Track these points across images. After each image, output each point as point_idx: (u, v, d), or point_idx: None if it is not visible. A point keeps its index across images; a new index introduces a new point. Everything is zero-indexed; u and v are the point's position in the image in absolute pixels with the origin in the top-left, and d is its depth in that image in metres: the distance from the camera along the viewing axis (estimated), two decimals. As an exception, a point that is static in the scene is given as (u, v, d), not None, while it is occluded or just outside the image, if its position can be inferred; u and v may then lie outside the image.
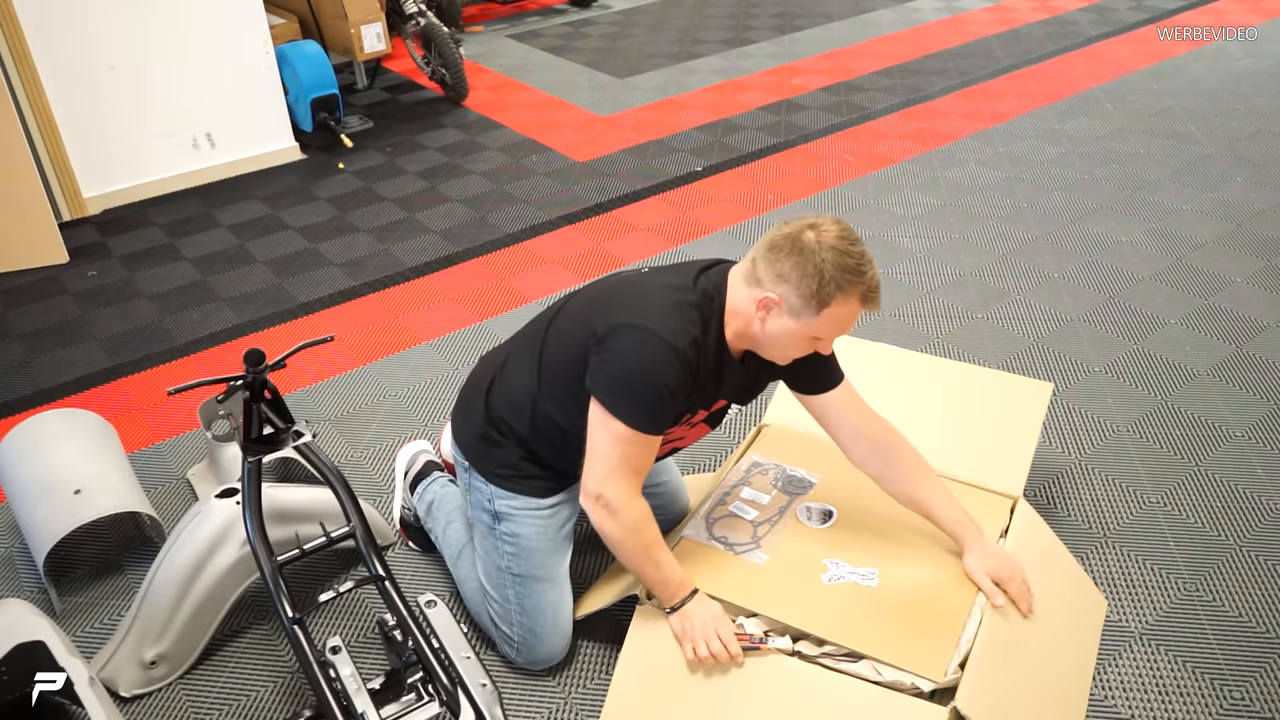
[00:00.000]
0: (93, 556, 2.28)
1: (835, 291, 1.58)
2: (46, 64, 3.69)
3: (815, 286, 1.58)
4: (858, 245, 1.61)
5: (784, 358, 1.74)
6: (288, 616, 1.72)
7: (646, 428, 1.66)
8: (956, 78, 5.09)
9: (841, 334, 1.68)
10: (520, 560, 1.89)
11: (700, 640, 1.71)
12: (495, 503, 1.93)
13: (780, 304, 1.63)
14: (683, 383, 1.65)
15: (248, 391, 1.74)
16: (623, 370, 1.65)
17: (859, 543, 1.95)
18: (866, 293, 1.62)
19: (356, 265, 3.52)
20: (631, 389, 1.64)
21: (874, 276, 1.62)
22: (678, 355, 1.62)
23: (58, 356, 3.04)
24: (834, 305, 1.60)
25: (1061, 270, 3.30)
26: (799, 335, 1.65)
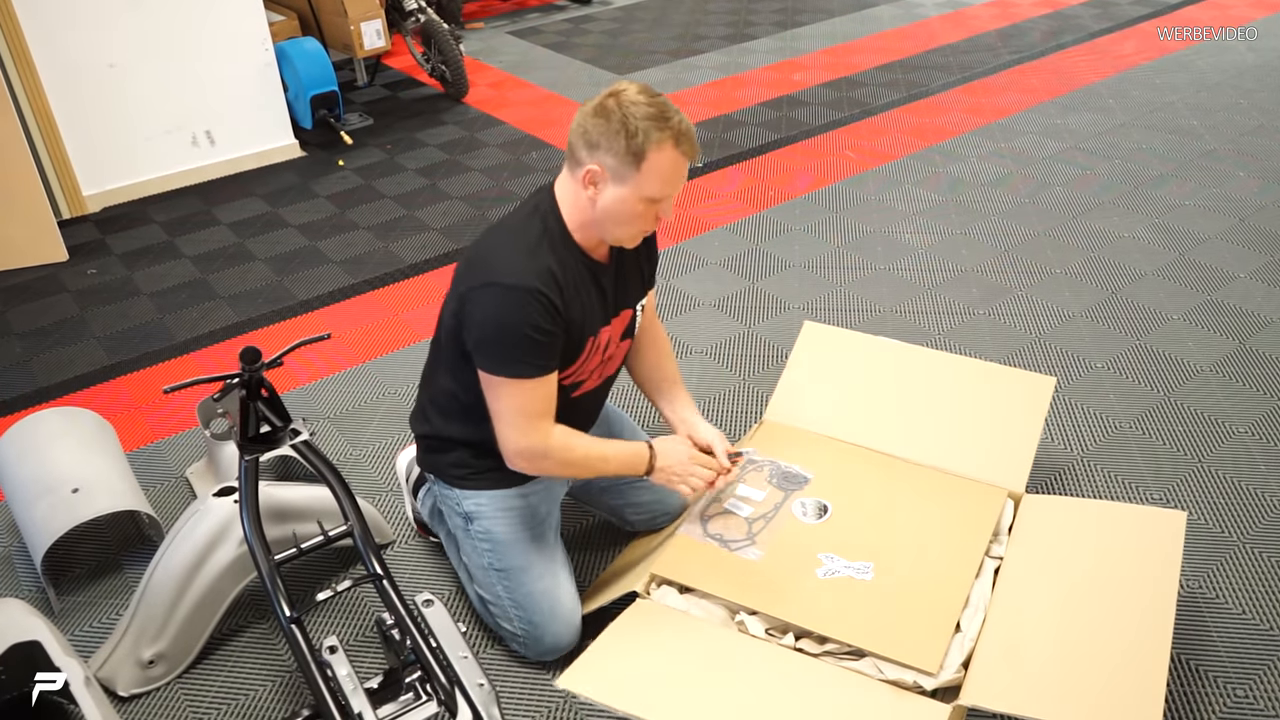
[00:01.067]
0: (91, 555, 2.28)
1: (646, 141, 1.59)
2: (46, 61, 3.68)
3: (625, 141, 1.60)
4: (658, 96, 1.64)
5: (630, 235, 1.73)
6: (285, 616, 1.71)
7: (530, 373, 1.68)
8: (958, 73, 5.08)
9: (671, 190, 1.66)
10: (500, 555, 1.89)
11: (685, 480, 1.86)
12: (463, 504, 1.93)
13: (602, 172, 1.64)
14: (551, 315, 1.66)
15: (244, 390, 1.74)
16: (486, 329, 1.67)
17: (854, 537, 1.94)
18: (678, 136, 1.61)
19: (356, 263, 3.51)
20: (500, 343, 1.66)
21: (681, 121, 1.62)
22: (532, 294, 1.63)
23: (57, 355, 3.04)
24: (650, 155, 1.60)
25: (1063, 266, 3.28)
26: (632, 200, 1.65)
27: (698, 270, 3.35)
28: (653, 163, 1.61)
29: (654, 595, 1.86)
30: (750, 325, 3.03)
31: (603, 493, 2.12)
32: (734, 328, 3.02)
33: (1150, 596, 1.72)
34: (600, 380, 1.92)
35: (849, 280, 3.26)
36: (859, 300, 3.14)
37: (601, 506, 2.18)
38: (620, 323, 1.88)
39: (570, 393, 1.85)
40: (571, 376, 1.81)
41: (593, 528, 2.27)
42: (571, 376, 1.81)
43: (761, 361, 2.85)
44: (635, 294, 1.91)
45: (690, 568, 1.89)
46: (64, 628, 2.08)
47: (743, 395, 2.71)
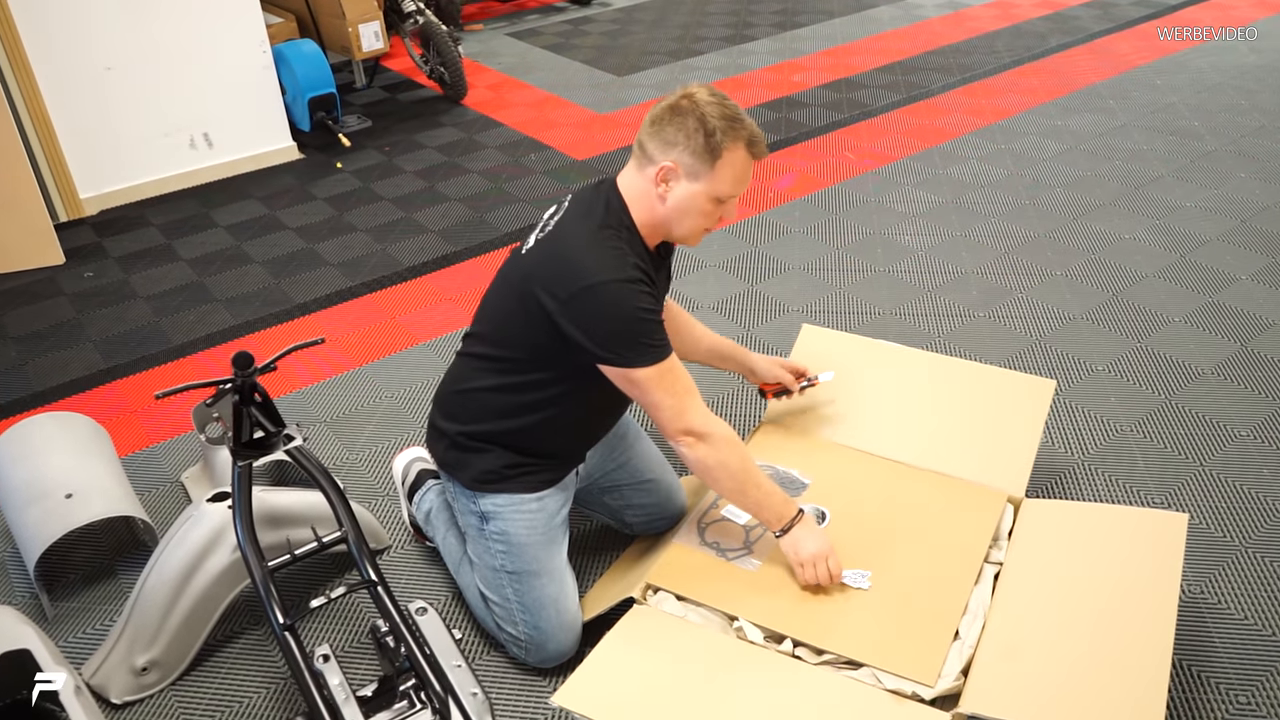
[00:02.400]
0: (85, 561, 2.26)
1: (723, 139, 1.66)
2: (42, 64, 3.67)
3: (703, 139, 1.66)
4: (729, 100, 1.70)
5: (694, 231, 1.77)
6: (279, 623, 1.70)
7: (663, 355, 1.71)
8: (958, 74, 5.06)
9: (739, 189, 1.73)
10: (513, 557, 1.87)
11: (810, 566, 1.80)
12: (480, 503, 1.91)
13: (677, 169, 1.69)
14: (651, 297, 1.71)
15: (237, 395, 1.72)
16: (608, 328, 1.69)
17: (852, 544, 1.92)
18: (751, 138, 1.69)
19: (354, 265, 3.50)
20: (627, 336, 1.69)
21: (753, 124, 1.70)
22: (635, 284, 1.68)
23: (53, 359, 3.02)
24: (725, 154, 1.67)
25: (1064, 268, 3.27)
26: (702, 198, 1.70)
27: (697, 272, 3.33)
28: (727, 161, 1.67)
29: (651, 601, 1.85)
30: (749, 328, 3.02)
31: (603, 494, 2.11)
32: (733, 331, 3.01)
33: (1151, 601, 1.70)
34: None
35: (848, 283, 3.24)
36: (858, 303, 3.12)
37: (601, 509, 2.16)
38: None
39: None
40: None
41: (592, 531, 2.26)
42: None
43: (760, 364, 2.83)
44: (666, 290, 1.95)
45: (687, 577, 1.88)
46: (57, 634, 2.07)
47: (742, 398, 2.70)
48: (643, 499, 2.11)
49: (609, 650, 1.73)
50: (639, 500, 2.11)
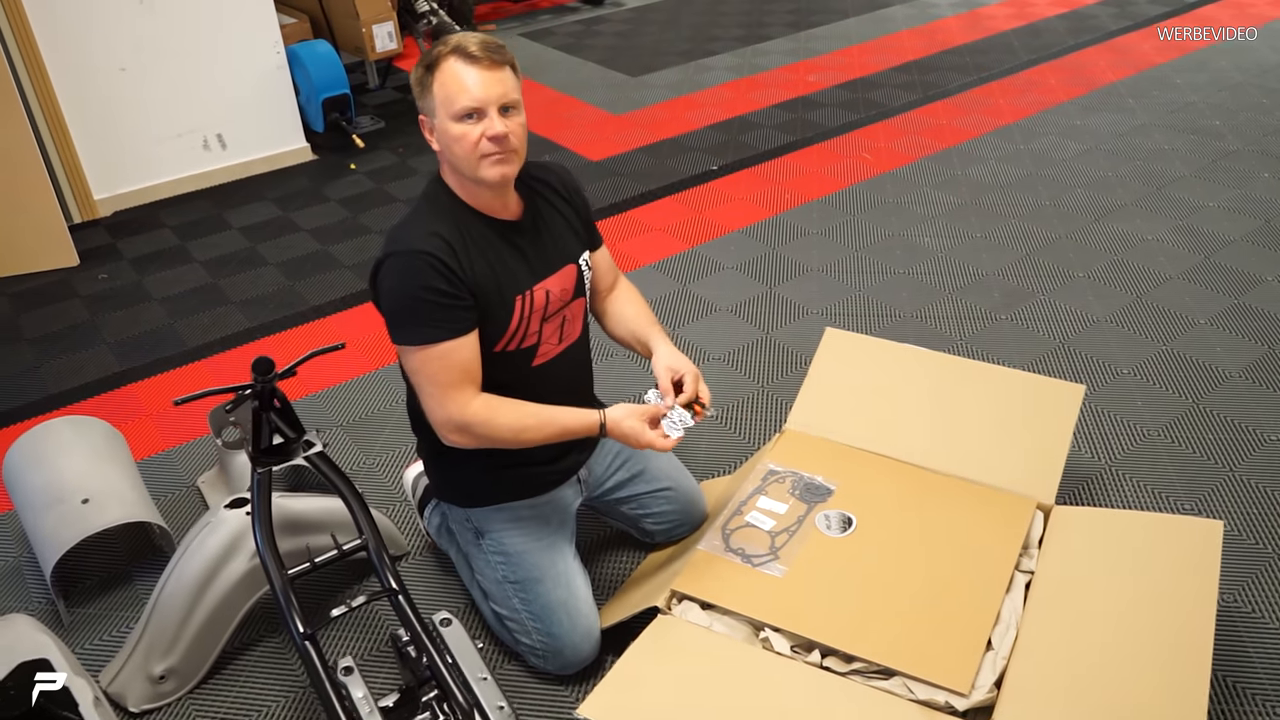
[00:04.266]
0: (101, 566, 2.24)
1: (430, 68, 1.61)
2: (56, 65, 3.66)
3: (418, 73, 1.63)
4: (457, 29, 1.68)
5: (472, 161, 1.63)
6: (299, 632, 1.67)
7: (433, 336, 1.63)
8: (974, 74, 5.02)
9: (469, 97, 1.58)
10: (514, 567, 1.85)
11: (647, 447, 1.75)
12: (473, 519, 1.90)
13: (424, 118, 1.67)
14: (443, 275, 1.61)
15: (256, 401, 1.70)
16: (386, 303, 1.66)
17: (879, 550, 1.90)
18: (455, 48, 1.59)
19: (368, 266, 3.43)
20: (399, 312, 1.64)
21: (457, 36, 1.62)
22: (419, 255, 1.60)
23: (67, 361, 3.01)
24: (436, 74, 1.60)
25: (1086, 269, 3.23)
26: (448, 125, 1.61)
27: (714, 275, 3.30)
28: (441, 79, 1.60)
29: (675, 611, 1.82)
30: (768, 331, 2.98)
31: (620, 504, 2.08)
32: (752, 334, 2.97)
33: (1188, 611, 1.67)
34: (562, 345, 1.85)
35: (868, 285, 3.21)
36: (879, 305, 3.09)
37: (618, 517, 2.13)
38: (561, 280, 1.80)
39: (528, 361, 1.79)
40: (516, 340, 1.75)
41: (609, 539, 2.23)
42: (516, 340, 1.75)
43: (780, 368, 2.80)
44: (572, 249, 1.84)
45: (712, 583, 1.85)
46: (73, 641, 2.05)
47: (762, 403, 2.67)
48: (662, 506, 2.08)
49: (634, 661, 1.70)
50: (658, 508, 2.08)
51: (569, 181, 1.88)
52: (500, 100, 1.60)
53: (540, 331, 1.78)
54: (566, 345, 1.86)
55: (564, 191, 1.85)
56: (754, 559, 1.90)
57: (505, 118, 1.61)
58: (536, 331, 1.77)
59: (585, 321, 1.92)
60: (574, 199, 1.87)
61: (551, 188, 1.84)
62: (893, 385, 2.27)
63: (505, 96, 1.61)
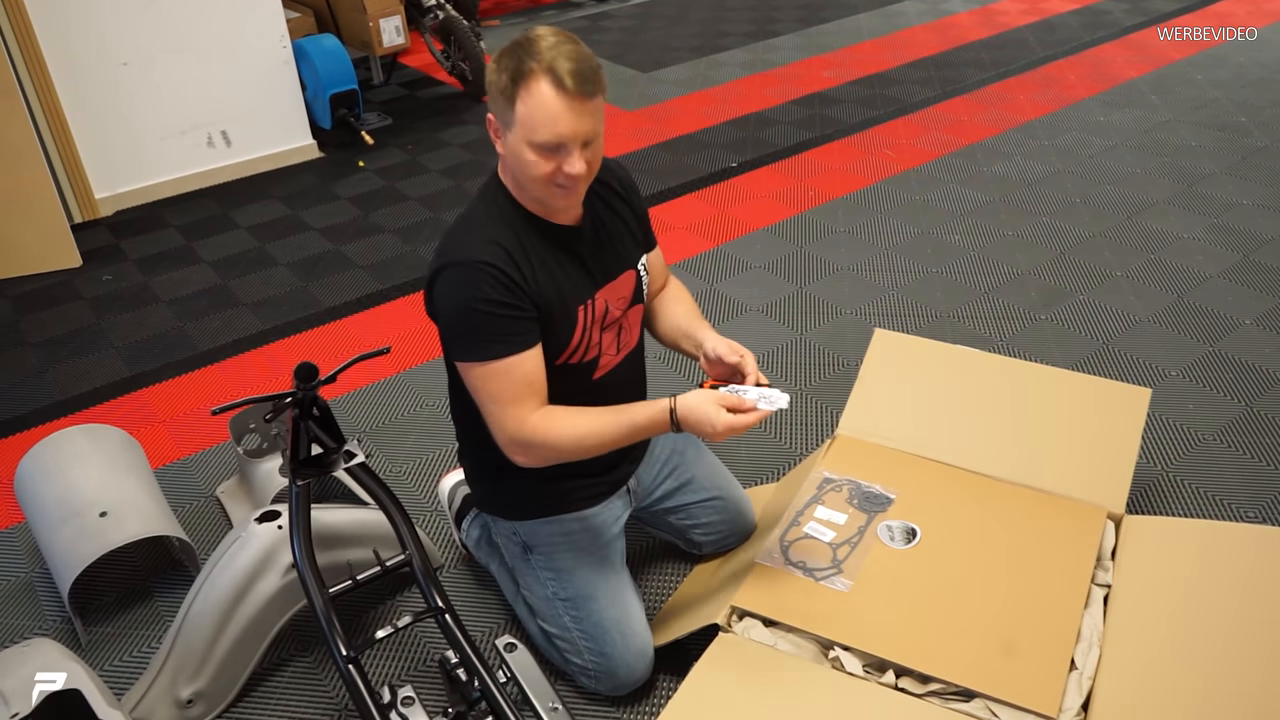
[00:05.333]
0: (119, 582, 2.14)
1: (517, 78, 1.42)
2: (57, 60, 3.53)
3: (506, 82, 1.44)
4: (550, 35, 1.44)
5: (539, 189, 1.51)
6: (342, 655, 1.57)
7: (496, 352, 1.52)
8: (991, 69, 4.94)
9: (558, 134, 1.43)
10: (564, 583, 1.75)
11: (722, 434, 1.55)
12: (519, 534, 1.80)
13: (494, 121, 1.51)
14: (504, 287, 1.50)
15: (297, 409, 1.59)
16: (447, 316, 1.55)
17: (947, 562, 1.81)
18: (550, 69, 1.40)
19: (383, 267, 3.37)
20: (458, 327, 1.54)
21: (552, 50, 1.41)
22: (477, 267, 1.49)
23: (74, 365, 2.89)
24: (522, 92, 1.42)
25: (1124, 268, 3.15)
26: (522, 147, 1.47)
27: (741, 274, 3.21)
28: (527, 101, 1.43)
29: (737, 629, 1.72)
30: (802, 332, 2.89)
31: (668, 514, 1.98)
32: (785, 335, 2.88)
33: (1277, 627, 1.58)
34: (622, 354, 1.75)
35: (901, 284, 3.12)
36: (913, 305, 3.00)
37: (665, 528, 2.03)
38: (621, 286, 1.70)
39: (590, 374, 1.69)
40: (579, 353, 1.65)
41: (655, 550, 2.13)
42: (579, 353, 1.65)
43: (818, 370, 2.71)
44: (630, 254, 1.72)
45: (775, 599, 1.75)
46: (93, 662, 1.94)
47: (800, 406, 2.57)
48: (711, 516, 1.99)
49: (699, 683, 1.60)
50: (707, 519, 1.98)
51: (627, 180, 1.77)
52: (585, 137, 1.47)
53: (600, 342, 1.68)
54: (625, 354, 1.76)
55: (623, 192, 1.74)
56: (816, 572, 1.80)
57: (585, 150, 1.48)
58: (598, 343, 1.67)
59: (641, 327, 1.83)
60: (632, 199, 1.76)
61: (611, 189, 1.71)
62: (948, 388, 2.18)
63: (591, 133, 1.48)
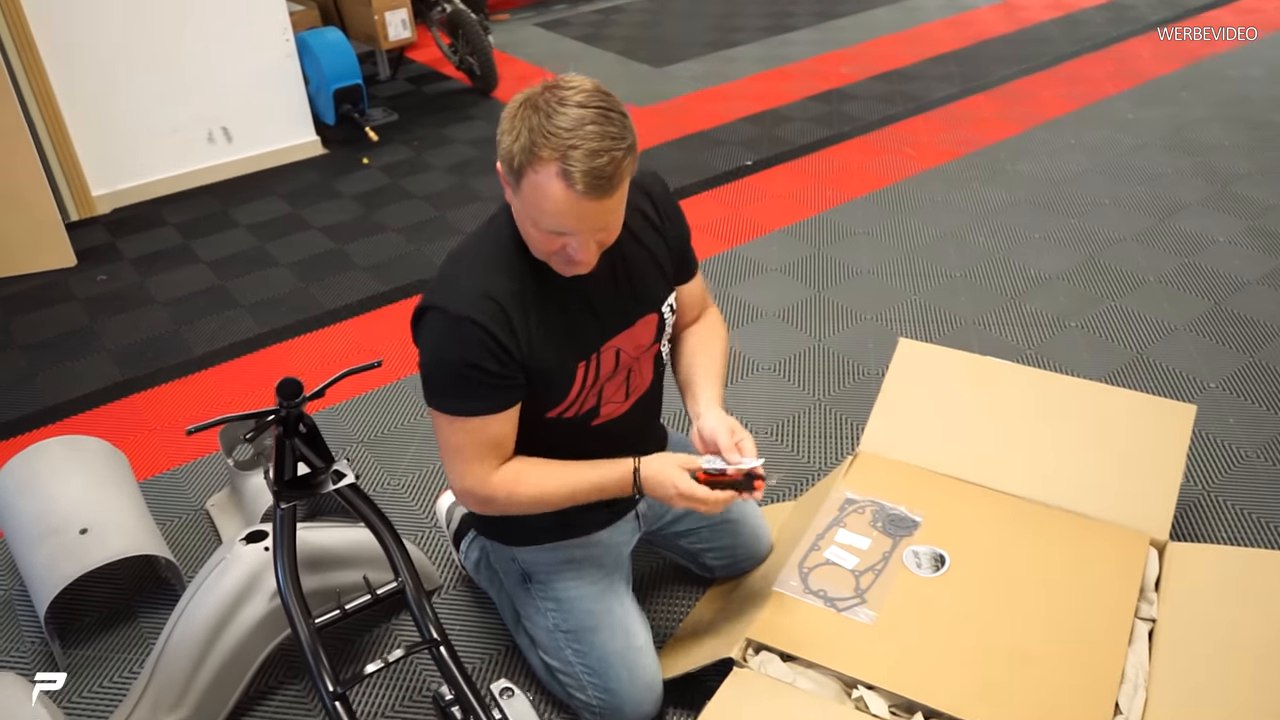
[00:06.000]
0: (102, 602, 2.03)
1: (527, 157, 1.22)
2: (51, 50, 3.43)
3: (508, 146, 1.25)
4: (585, 108, 1.22)
5: (545, 257, 1.36)
6: (328, 691, 1.46)
7: (468, 410, 1.39)
8: (1015, 65, 4.80)
9: (562, 225, 1.27)
10: (566, 614, 1.63)
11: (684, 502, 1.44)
12: (518, 561, 1.68)
13: (503, 173, 1.30)
14: (492, 354, 1.35)
15: (281, 427, 1.48)
16: (424, 357, 1.41)
17: (979, 592, 1.69)
18: (561, 160, 1.20)
19: (386, 268, 3.26)
20: (433, 377, 1.41)
21: (571, 135, 1.20)
22: (467, 324, 1.34)
23: (64, 370, 2.79)
24: (529, 174, 1.24)
25: (1157, 273, 3.01)
26: (524, 221, 1.31)
27: (756, 277, 3.08)
28: (530, 184, 1.25)
29: (752, 663, 1.60)
30: (819, 338, 2.77)
31: (678, 538, 1.86)
32: (802, 341, 2.76)
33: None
34: (629, 403, 1.60)
35: (923, 288, 2.99)
36: (936, 310, 2.87)
37: (676, 551, 1.91)
38: (638, 334, 1.53)
39: (588, 422, 1.55)
40: (575, 406, 1.51)
41: (663, 573, 2.01)
42: (575, 406, 1.51)
43: (836, 379, 2.59)
44: (654, 294, 1.53)
45: (793, 631, 1.63)
46: (72, 687, 1.84)
47: (819, 418, 2.45)
48: (724, 540, 1.86)
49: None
50: (720, 542, 1.86)
51: (663, 201, 1.55)
52: (598, 231, 1.31)
53: (601, 394, 1.53)
54: (634, 399, 1.61)
55: (657, 218, 1.53)
56: (838, 602, 1.68)
57: (600, 233, 1.32)
58: (597, 395, 1.53)
59: (657, 364, 1.65)
60: (667, 225, 1.54)
61: (644, 217, 1.51)
62: (978, 403, 2.05)
63: (606, 226, 1.31)
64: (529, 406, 1.47)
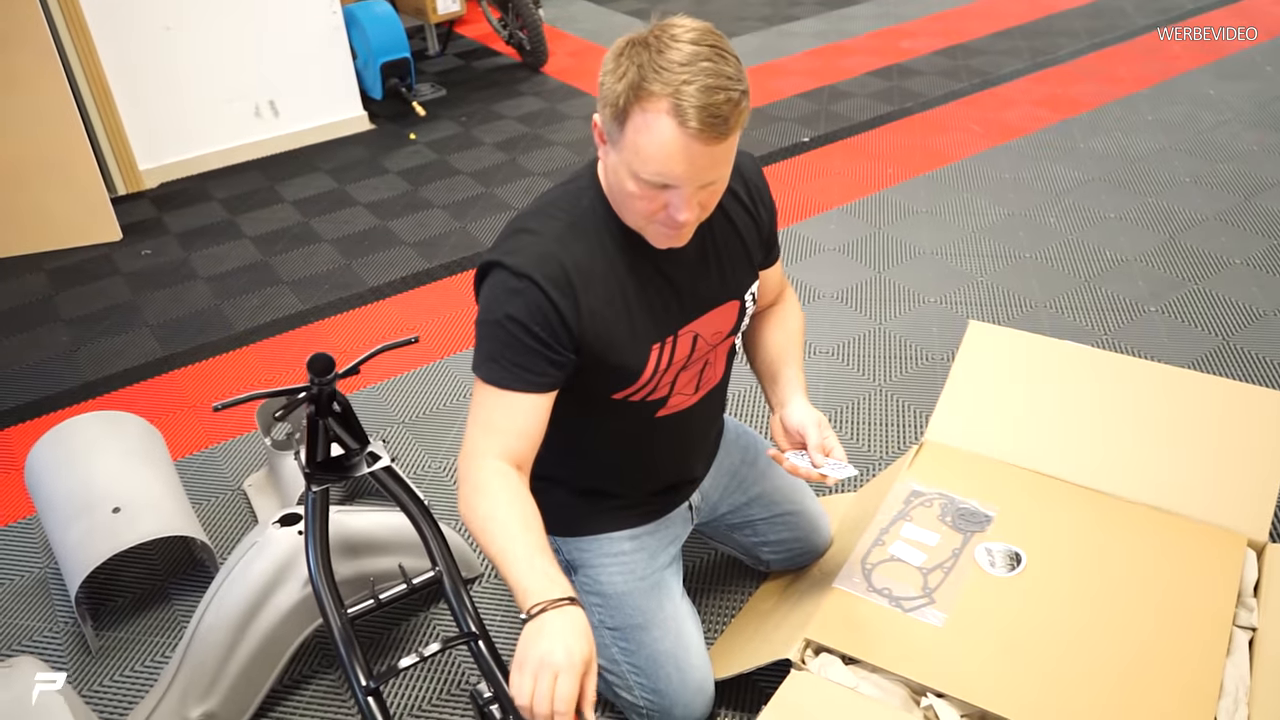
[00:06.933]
0: (135, 583, 1.98)
1: (635, 94, 1.12)
2: (100, 24, 3.39)
3: (625, 90, 1.13)
4: (699, 45, 1.11)
5: (635, 220, 1.26)
6: (360, 685, 1.38)
7: (500, 379, 1.27)
8: (1086, 39, 4.58)
9: (667, 173, 1.15)
10: (612, 611, 1.53)
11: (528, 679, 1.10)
12: (564, 551, 1.58)
13: (599, 128, 1.21)
14: (545, 319, 1.25)
15: (312, 406, 1.40)
16: (478, 318, 1.30)
17: (1058, 594, 1.56)
18: (674, 98, 1.10)
19: (431, 245, 3.18)
20: (481, 334, 1.30)
21: (685, 70, 1.09)
22: (525, 281, 1.24)
23: (106, 345, 2.75)
24: (635, 114, 1.13)
25: (1243, 255, 2.82)
26: (625, 175, 1.19)
27: (814, 257, 2.95)
28: (635, 127, 1.14)
29: (811, 666, 1.49)
30: (881, 321, 2.63)
31: (732, 530, 1.75)
32: (862, 324, 2.63)
33: None
34: (698, 395, 1.50)
35: (989, 269, 2.84)
36: (1004, 293, 2.72)
37: (730, 544, 1.81)
38: (718, 319, 1.44)
39: (652, 413, 1.44)
40: (643, 393, 1.41)
41: (715, 564, 1.91)
42: (643, 393, 1.41)
43: (898, 363, 2.46)
44: (741, 280, 1.44)
45: (856, 633, 1.52)
46: (103, 671, 1.79)
47: (879, 404, 2.32)
48: (782, 534, 1.75)
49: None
50: (777, 536, 1.75)
51: (756, 183, 1.45)
52: (706, 180, 1.19)
53: (674, 383, 1.43)
54: (704, 393, 1.50)
55: (749, 201, 1.43)
56: (904, 602, 1.56)
57: (703, 193, 1.21)
58: (669, 384, 1.42)
59: (730, 357, 1.55)
60: (759, 209, 1.45)
61: (736, 198, 1.41)
62: (1054, 390, 1.91)
63: (714, 179, 1.20)
64: (596, 385, 1.37)
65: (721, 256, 1.41)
